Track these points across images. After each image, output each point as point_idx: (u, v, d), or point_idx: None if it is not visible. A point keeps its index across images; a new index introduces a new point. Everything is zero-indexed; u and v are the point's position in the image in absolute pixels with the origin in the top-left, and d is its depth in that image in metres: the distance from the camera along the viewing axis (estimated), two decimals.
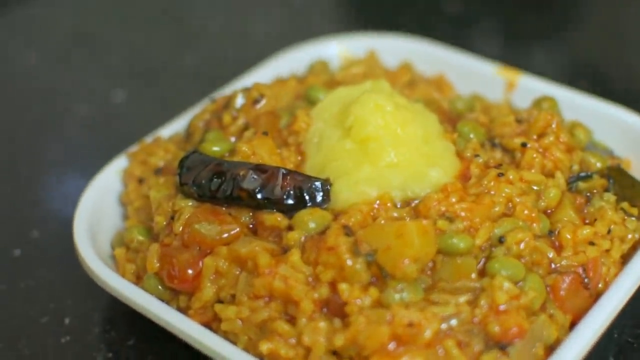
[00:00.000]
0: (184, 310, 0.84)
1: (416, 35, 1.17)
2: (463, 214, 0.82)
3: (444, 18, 1.47)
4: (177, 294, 0.86)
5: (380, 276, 0.78)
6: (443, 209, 0.82)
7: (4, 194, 1.14)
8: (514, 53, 1.34)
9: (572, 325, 0.81)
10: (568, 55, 1.36)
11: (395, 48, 1.14)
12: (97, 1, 1.59)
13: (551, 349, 0.78)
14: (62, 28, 1.52)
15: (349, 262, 0.78)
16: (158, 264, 0.86)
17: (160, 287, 0.86)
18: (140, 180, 0.96)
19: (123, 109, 1.28)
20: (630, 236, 0.87)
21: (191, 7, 1.55)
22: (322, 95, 0.97)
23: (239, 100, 0.97)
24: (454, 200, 0.82)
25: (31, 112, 1.30)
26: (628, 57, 1.32)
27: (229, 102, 0.97)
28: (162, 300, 0.85)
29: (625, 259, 0.86)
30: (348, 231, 0.80)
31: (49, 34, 1.50)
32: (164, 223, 0.88)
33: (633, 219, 0.88)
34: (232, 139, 0.94)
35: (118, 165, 0.99)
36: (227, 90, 1.05)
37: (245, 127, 0.95)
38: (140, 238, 0.90)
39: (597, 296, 0.82)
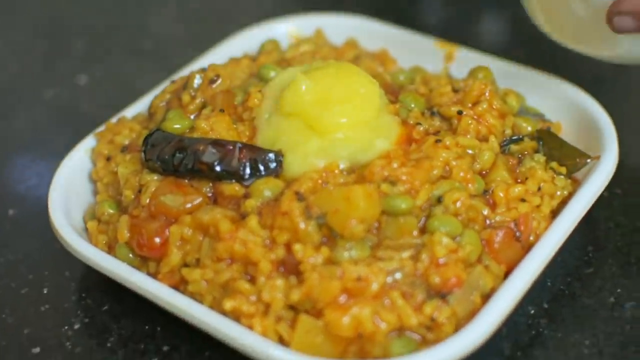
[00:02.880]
0: (153, 275, 0.91)
1: (361, 13, 1.23)
2: (404, 177, 0.88)
3: None
4: (146, 260, 0.92)
5: (331, 236, 0.85)
6: (386, 173, 0.88)
7: None
8: (455, 25, 1.41)
9: (507, 275, 0.87)
10: (505, 25, 1.43)
11: (341, 26, 1.20)
12: None
13: (487, 296, 0.85)
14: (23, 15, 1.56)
15: (302, 225, 0.85)
16: (128, 234, 0.92)
17: (130, 255, 0.92)
18: (108, 158, 1.02)
19: (86, 92, 1.33)
20: (559, 193, 0.94)
21: None
22: (273, 73, 1.03)
23: (197, 81, 1.03)
24: (395, 165, 0.89)
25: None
26: None
27: (187, 82, 1.03)
28: (133, 267, 0.91)
29: (555, 213, 0.92)
30: (300, 197, 0.87)
31: (9, 21, 1.55)
32: (132, 196, 0.95)
33: (562, 177, 0.95)
34: (192, 117, 1.00)
35: (87, 145, 1.04)
36: (185, 72, 1.11)
37: (203, 106, 1.01)
38: (111, 211, 0.97)
39: (528, 248, 0.89)
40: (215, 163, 0.91)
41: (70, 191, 1.01)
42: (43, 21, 1.53)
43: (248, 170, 0.91)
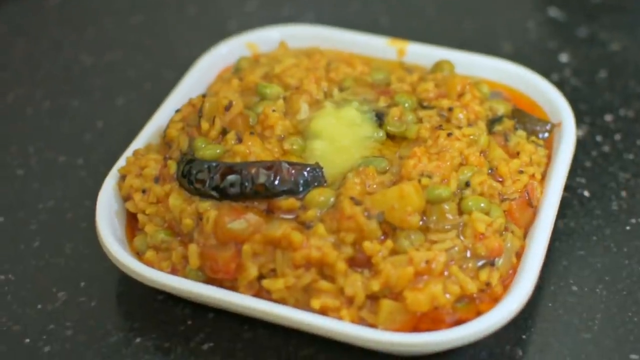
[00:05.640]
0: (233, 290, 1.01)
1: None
2: (436, 170, 1.05)
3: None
4: (221, 281, 1.02)
5: (390, 230, 1.00)
6: (420, 170, 1.04)
7: None
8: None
9: (525, 234, 1.05)
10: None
11: (298, 36, 1.32)
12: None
13: (518, 254, 1.03)
14: None
15: (367, 225, 0.99)
16: (199, 261, 1.02)
17: (202, 276, 1.02)
18: (144, 191, 1.09)
19: None
20: (544, 161, 1.13)
21: (112, 9, 1.63)
22: (270, 90, 1.15)
23: (207, 107, 1.11)
24: (424, 162, 1.05)
25: None
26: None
27: (201, 110, 1.12)
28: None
29: (544, 178, 1.11)
30: (356, 201, 1.00)
31: None
32: (194, 225, 1.03)
33: (541, 147, 1.14)
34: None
35: (112, 181, 1.12)
36: (178, 94, 1.22)
37: (224, 131, 1.10)
38: (168, 239, 1.05)
39: (535, 209, 1.07)
40: (275, 183, 1.02)
41: (117, 229, 1.09)
42: None
43: (301, 186, 1.03)
